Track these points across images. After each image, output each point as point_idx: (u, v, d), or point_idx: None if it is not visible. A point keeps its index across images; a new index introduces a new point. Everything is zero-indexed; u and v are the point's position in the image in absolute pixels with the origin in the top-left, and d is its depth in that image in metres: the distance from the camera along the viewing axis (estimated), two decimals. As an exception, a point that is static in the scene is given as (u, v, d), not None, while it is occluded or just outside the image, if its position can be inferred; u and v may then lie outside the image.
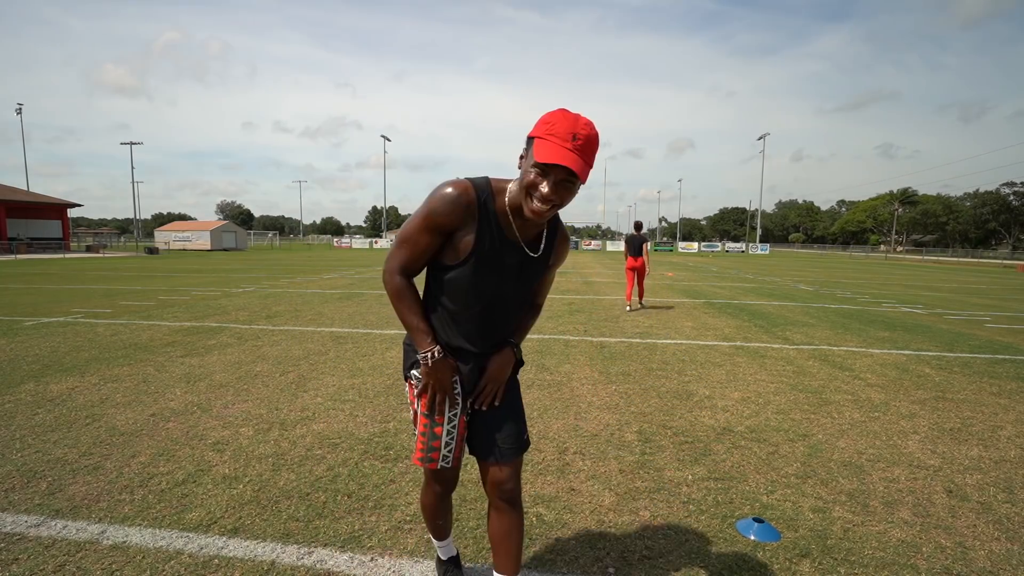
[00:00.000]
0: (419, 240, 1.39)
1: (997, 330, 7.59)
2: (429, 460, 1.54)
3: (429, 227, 1.37)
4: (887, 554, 2.10)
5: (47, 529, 2.17)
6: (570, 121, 1.24)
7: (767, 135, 56.80)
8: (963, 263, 39.85)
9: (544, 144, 1.24)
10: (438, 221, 1.36)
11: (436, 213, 1.35)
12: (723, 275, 18.43)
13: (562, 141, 1.22)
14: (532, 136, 1.29)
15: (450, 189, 1.35)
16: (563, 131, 1.23)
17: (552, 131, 1.24)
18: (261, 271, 17.27)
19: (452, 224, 1.36)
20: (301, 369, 4.70)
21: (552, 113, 1.28)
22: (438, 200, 1.35)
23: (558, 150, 1.22)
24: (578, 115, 1.27)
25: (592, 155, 1.27)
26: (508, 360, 1.56)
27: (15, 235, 30.59)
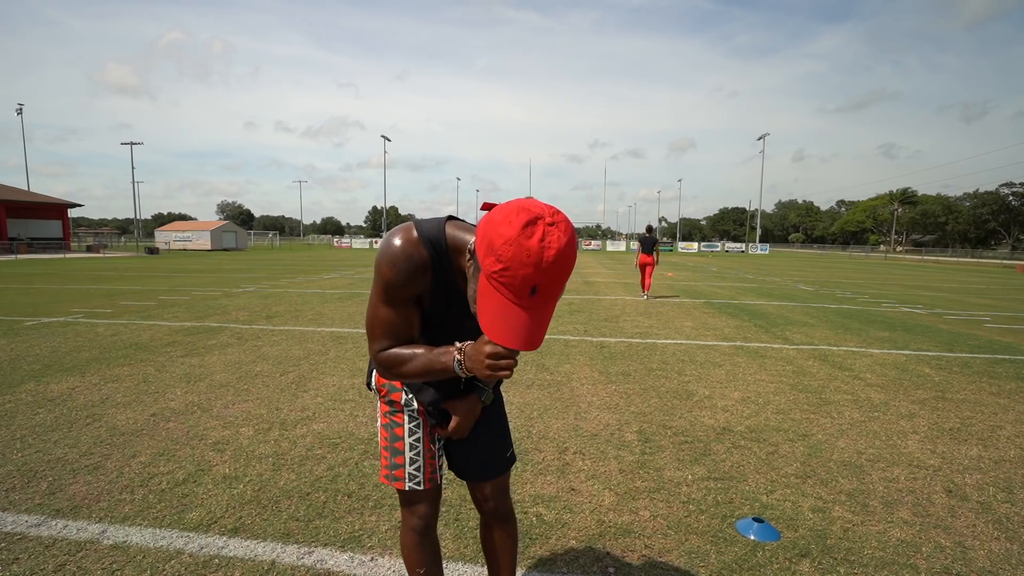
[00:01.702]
0: (390, 316, 1.16)
1: (997, 330, 7.59)
2: (395, 479, 1.36)
3: (394, 300, 1.15)
4: (887, 554, 2.10)
5: (47, 529, 2.17)
6: (532, 262, 0.88)
7: (767, 135, 56.83)
8: (963, 263, 39.85)
9: (492, 300, 0.94)
10: (401, 292, 1.14)
11: (393, 285, 1.12)
12: (723, 275, 18.44)
13: (516, 298, 0.92)
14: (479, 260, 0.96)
15: (397, 250, 1.11)
16: (519, 282, 0.90)
17: (504, 280, 0.91)
18: (261, 271, 17.27)
19: (415, 288, 1.15)
20: (301, 369, 4.70)
21: (506, 243, 0.89)
22: (388, 267, 1.11)
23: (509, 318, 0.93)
24: (545, 237, 0.88)
25: (565, 275, 0.94)
26: (473, 407, 1.36)
27: (15, 235, 30.59)
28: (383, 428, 1.39)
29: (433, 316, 1.23)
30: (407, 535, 1.42)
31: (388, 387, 1.37)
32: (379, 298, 1.16)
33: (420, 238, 1.12)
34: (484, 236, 0.93)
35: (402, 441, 1.36)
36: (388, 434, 1.38)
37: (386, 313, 1.16)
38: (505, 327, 0.94)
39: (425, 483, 1.37)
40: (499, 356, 1.04)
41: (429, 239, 1.13)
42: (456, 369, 1.11)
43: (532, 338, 0.95)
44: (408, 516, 1.41)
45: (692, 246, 56.59)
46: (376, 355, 1.19)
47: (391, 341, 1.18)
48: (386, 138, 59.07)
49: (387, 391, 1.37)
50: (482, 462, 1.46)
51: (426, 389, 1.35)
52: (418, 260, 1.12)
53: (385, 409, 1.39)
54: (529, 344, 0.95)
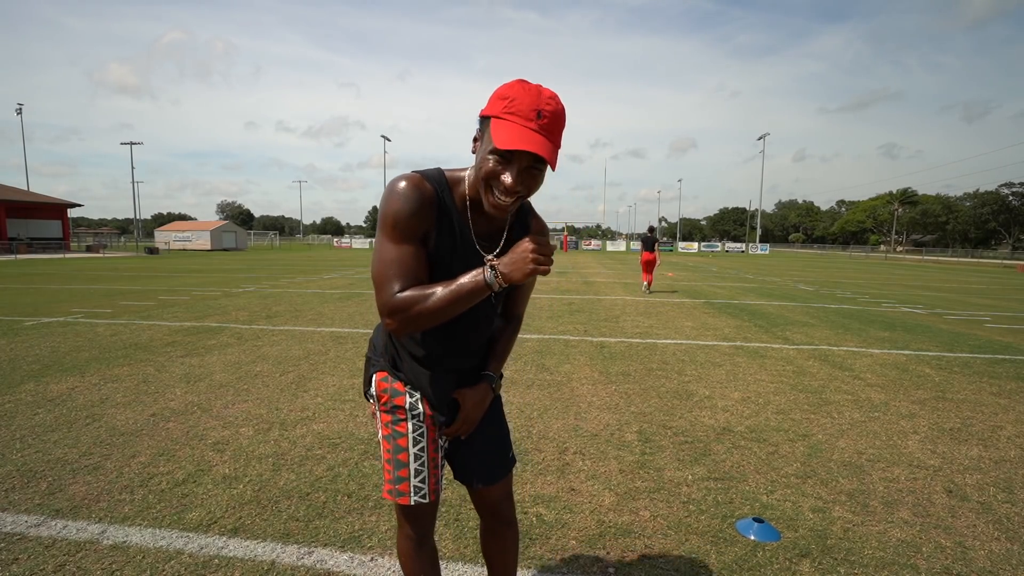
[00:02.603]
0: (402, 253, 1.13)
1: (997, 330, 7.59)
2: (399, 494, 1.30)
3: (404, 235, 1.12)
4: (887, 554, 2.10)
5: (47, 529, 2.17)
6: (532, 95, 1.03)
7: (767, 135, 56.82)
8: (963, 263, 39.85)
9: (503, 126, 1.02)
10: (411, 223, 1.12)
11: (403, 214, 1.11)
12: (723, 275, 18.43)
13: (525, 120, 1.02)
14: (487, 115, 1.07)
15: (403, 184, 1.13)
16: (525, 108, 1.02)
17: (512, 109, 1.03)
18: (261, 271, 17.27)
19: (424, 223, 1.14)
20: (301, 369, 4.70)
21: (509, 86, 1.05)
22: (397, 199, 1.12)
23: (521, 132, 1.01)
24: (540, 86, 1.06)
25: (560, 134, 1.07)
26: (484, 397, 1.36)
27: (15, 235, 30.59)
28: (385, 440, 1.32)
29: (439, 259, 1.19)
30: (404, 543, 1.38)
31: (391, 391, 1.31)
32: (389, 239, 1.13)
33: (422, 176, 1.16)
34: (492, 99, 1.07)
35: (406, 452, 1.30)
36: (391, 445, 1.31)
37: (397, 252, 1.12)
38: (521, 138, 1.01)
39: (430, 495, 1.32)
40: (542, 248, 1.07)
41: (430, 176, 1.17)
42: (489, 282, 1.08)
43: (545, 147, 1.02)
44: (405, 526, 1.36)
45: (692, 246, 56.58)
46: (391, 300, 1.11)
47: (404, 282, 1.12)
48: (386, 138, 59.09)
49: (389, 396, 1.31)
50: (486, 465, 1.43)
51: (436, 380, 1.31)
52: (425, 193, 1.13)
53: (386, 419, 1.32)
54: (543, 148, 1.01)
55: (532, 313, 8.22)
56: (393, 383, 1.32)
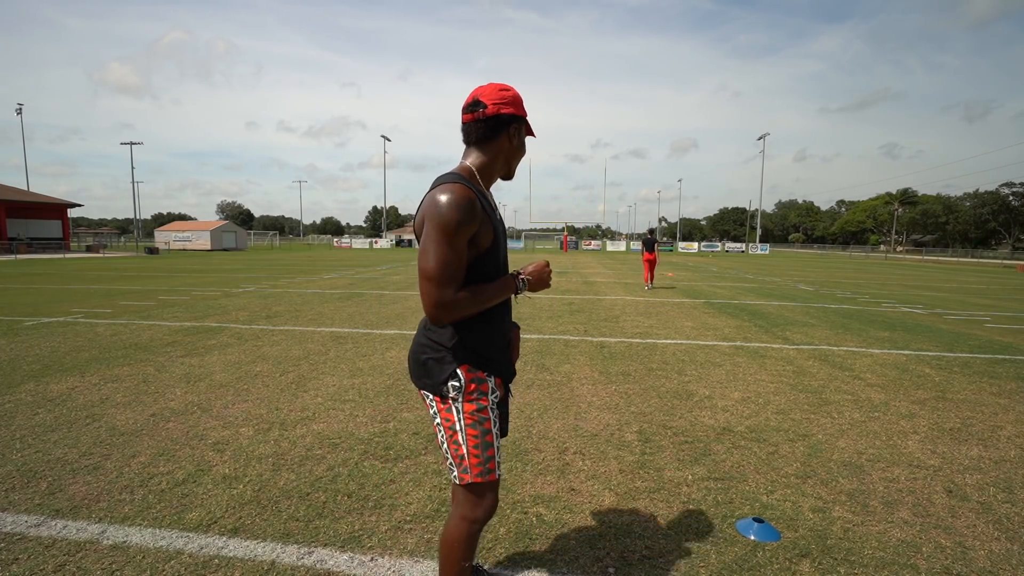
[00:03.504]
0: (458, 258, 1.37)
1: (997, 330, 7.59)
2: (489, 472, 1.48)
3: (461, 241, 1.37)
4: (887, 554, 2.10)
5: (47, 529, 2.17)
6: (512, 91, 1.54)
7: (767, 135, 56.81)
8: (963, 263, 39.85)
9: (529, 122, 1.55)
10: (468, 231, 1.38)
11: (464, 224, 1.36)
12: (723, 275, 18.43)
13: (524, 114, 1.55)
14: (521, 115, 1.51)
15: (457, 196, 1.36)
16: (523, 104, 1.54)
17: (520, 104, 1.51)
18: (261, 271, 17.27)
19: (476, 227, 1.40)
20: (301, 369, 4.70)
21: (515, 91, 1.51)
22: (458, 211, 1.35)
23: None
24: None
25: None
26: (519, 334, 1.68)
27: (15, 235, 30.59)
28: (470, 427, 1.47)
29: (498, 236, 1.48)
30: (465, 527, 1.50)
31: (477, 380, 1.48)
32: (447, 245, 1.35)
33: (463, 184, 1.40)
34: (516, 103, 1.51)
35: (492, 435, 1.50)
36: (477, 431, 1.48)
37: (455, 256, 1.36)
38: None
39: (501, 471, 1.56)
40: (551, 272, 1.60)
41: (468, 183, 1.42)
42: (519, 289, 1.51)
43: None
44: (474, 508, 1.50)
45: (692, 246, 56.57)
46: (452, 298, 1.36)
47: (459, 284, 1.38)
48: (386, 138, 59.08)
49: (476, 385, 1.48)
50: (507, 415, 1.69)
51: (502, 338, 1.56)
52: (472, 197, 1.38)
53: (471, 408, 1.47)
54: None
55: (532, 313, 8.23)
56: (477, 372, 1.49)
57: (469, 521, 1.50)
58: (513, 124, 1.49)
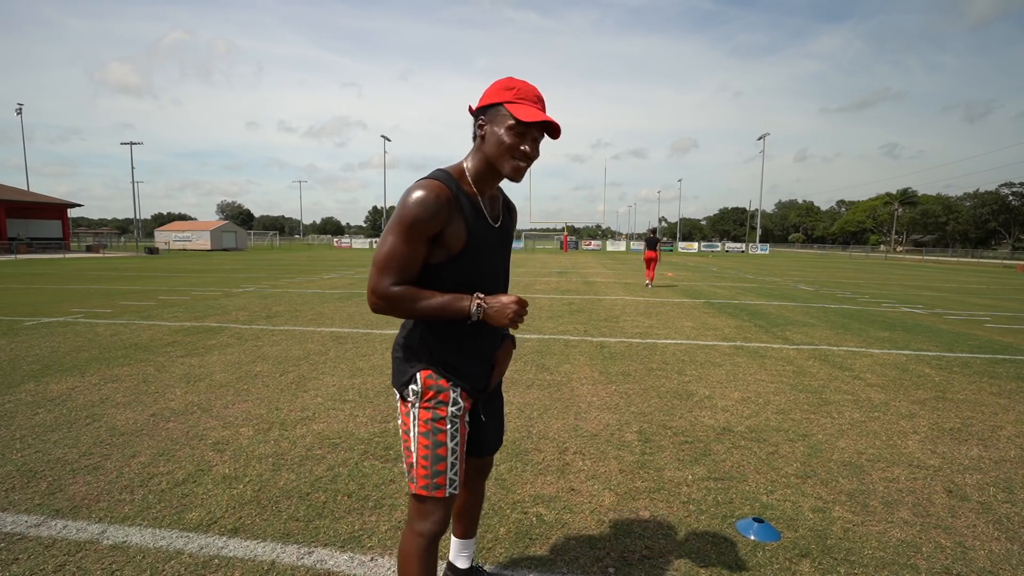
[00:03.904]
0: (408, 253, 1.30)
1: (997, 330, 7.59)
2: (436, 487, 1.38)
3: (416, 237, 1.29)
4: (887, 554, 2.10)
5: (47, 529, 2.17)
6: (531, 87, 1.36)
7: (767, 135, 56.80)
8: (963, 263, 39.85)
9: (522, 107, 1.31)
10: (426, 228, 1.29)
11: (421, 220, 1.28)
12: (723, 275, 18.43)
13: (534, 103, 1.34)
14: (496, 103, 1.33)
15: (423, 192, 1.29)
16: (531, 95, 1.34)
17: (522, 95, 1.33)
18: (261, 271, 17.27)
19: (439, 226, 1.31)
20: (301, 369, 4.70)
21: (509, 80, 1.35)
22: (418, 206, 1.27)
23: (536, 111, 1.32)
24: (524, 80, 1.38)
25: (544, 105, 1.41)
26: (510, 351, 1.58)
27: (15, 235, 30.58)
28: (422, 436, 1.38)
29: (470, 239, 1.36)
30: (415, 542, 1.40)
31: (436, 388, 1.39)
32: (400, 236, 1.29)
33: (439, 181, 1.33)
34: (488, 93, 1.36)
35: (445, 447, 1.39)
36: (429, 441, 1.38)
37: (403, 249, 1.30)
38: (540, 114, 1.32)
39: (460, 487, 1.46)
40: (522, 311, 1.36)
41: (444, 178, 1.35)
42: (473, 313, 1.34)
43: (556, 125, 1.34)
44: (422, 522, 1.40)
45: (692, 246, 56.57)
46: (387, 289, 1.30)
47: (400, 277, 1.31)
48: (386, 138, 59.07)
49: (435, 392, 1.39)
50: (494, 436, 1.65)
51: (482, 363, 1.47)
52: (442, 197, 1.30)
53: (426, 416, 1.39)
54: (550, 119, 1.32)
55: (532, 313, 8.22)
56: (439, 380, 1.41)
57: (417, 534, 1.40)
58: (481, 117, 1.36)
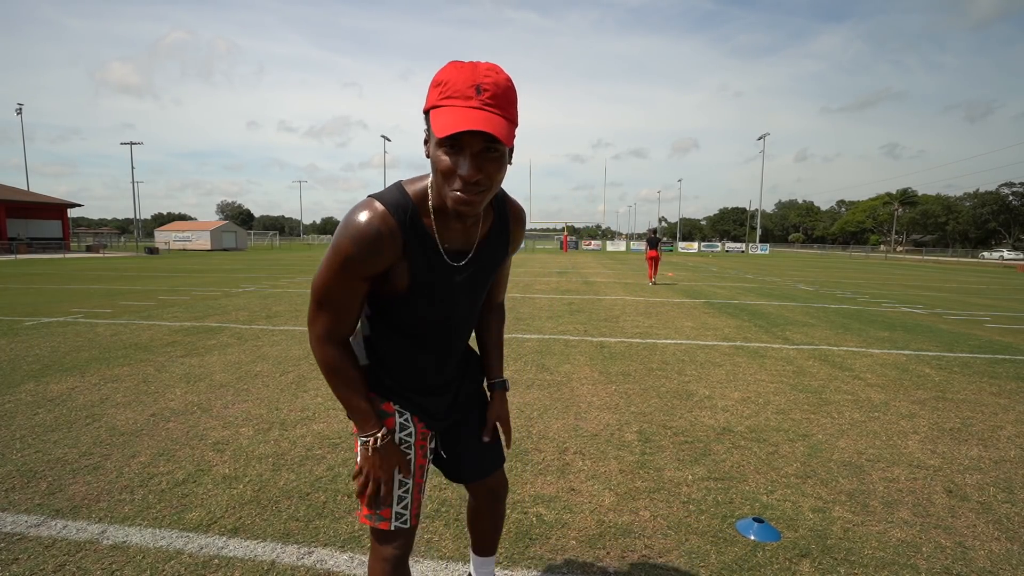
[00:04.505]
0: (341, 296, 1.10)
1: (997, 330, 7.59)
2: (379, 519, 1.22)
3: (349, 277, 1.07)
4: (887, 554, 2.10)
5: (47, 529, 2.17)
6: (466, 72, 0.94)
7: (767, 135, 56.80)
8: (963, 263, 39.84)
9: (442, 113, 0.94)
10: (358, 269, 1.06)
11: (354, 260, 1.05)
12: (723, 275, 18.43)
13: (463, 101, 0.93)
14: (427, 109, 0.99)
15: (362, 224, 1.03)
16: (462, 87, 0.94)
17: (448, 92, 0.95)
18: (261, 271, 17.27)
19: (378, 266, 1.08)
20: (301, 369, 4.70)
21: (442, 71, 0.97)
22: (351, 241, 1.03)
23: (461, 114, 0.92)
24: (476, 62, 0.97)
25: (510, 107, 0.97)
26: (504, 403, 1.45)
27: (15, 235, 30.59)
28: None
29: (417, 281, 1.13)
30: (380, 566, 1.24)
31: (381, 413, 1.24)
32: (333, 272, 1.07)
33: (387, 209, 1.06)
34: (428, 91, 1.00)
35: (391, 480, 1.22)
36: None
37: (336, 291, 1.10)
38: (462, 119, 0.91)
39: (411, 520, 1.25)
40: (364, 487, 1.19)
41: (395, 205, 1.07)
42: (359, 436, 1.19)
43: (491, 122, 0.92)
44: (382, 547, 1.24)
45: (692, 246, 56.57)
46: (319, 340, 1.14)
47: (337, 318, 1.12)
48: (386, 138, 59.08)
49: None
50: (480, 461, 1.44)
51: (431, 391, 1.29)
52: (385, 231, 1.05)
53: None
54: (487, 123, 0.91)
55: (532, 313, 8.22)
56: (380, 405, 1.24)
57: (381, 559, 1.23)
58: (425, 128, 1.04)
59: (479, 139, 0.93)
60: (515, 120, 0.99)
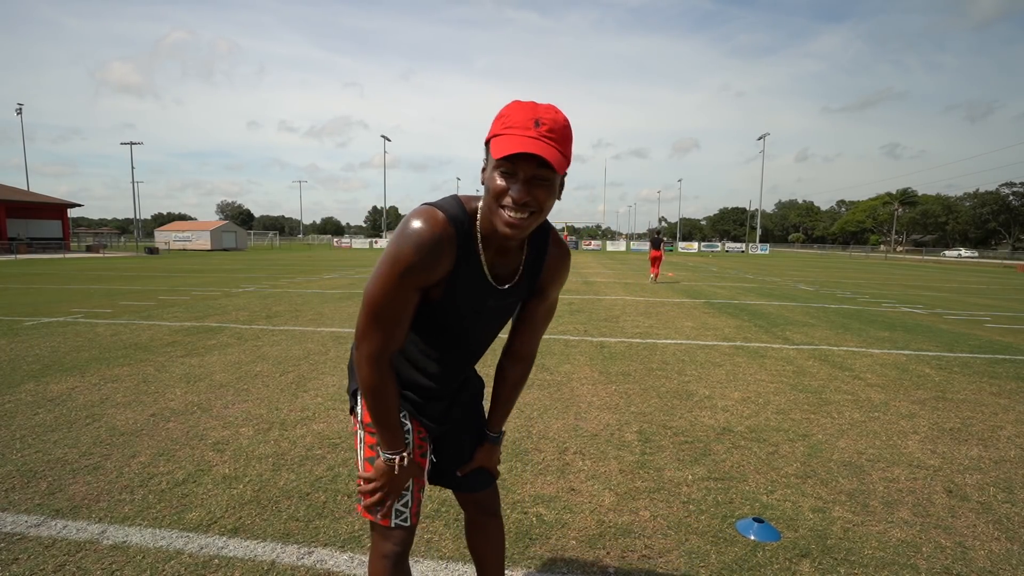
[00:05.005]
0: (397, 307, 1.09)
1: (997, 330, 7.59)
2: (382, 515, 1.24)
3: (407, 286, 1.07)
4: (887, 554, 2.10)
5: (47, 529, 2.16)
6: (527, 108, 1.01)
7: (767, 135, 56.83)
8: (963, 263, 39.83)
9: (502, 140, 1.00)
10: (417, 277, 1.07)
11: (415, 267, 1.05)
12: (723, 275, 18.43)
13: (523, 130, 0.99)
14: (488, 138, 1.05)
15: (425, 227, 1.05)
16: (522, 120, 1.00)
17: (509, 123, 1.01)
18: (261, 271, 17.27)
19: (434, 275, 1.09)
20: (301, 369, 4.70)
21: (506, 106, 1.04)
22: (413, 248, 1.04)
23: (520, 140, 0.98)
24: (535, 102, 1.04)
25: (565, 143, 1.03)
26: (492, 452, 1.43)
27: (15, 235, 30.58)
28: (367, 462, 1.26)
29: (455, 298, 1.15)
30: (380, 563, 1.26)
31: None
32: (392, 283, 1.06)
33: (446, 217, 1.07)
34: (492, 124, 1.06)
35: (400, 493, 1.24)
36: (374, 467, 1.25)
37: (394, 302, 1.09)
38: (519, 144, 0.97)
39: (412, 519, 1.27)
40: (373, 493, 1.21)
41: (453, 215, 1.08)
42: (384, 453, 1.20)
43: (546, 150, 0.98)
44: (383, 543, 1.26)
45: (692, 246, 56.58)
46: (371, 360, 1.12)
47: (386, 339, 1.11)
48: (386, 138, 59.09)
49: None
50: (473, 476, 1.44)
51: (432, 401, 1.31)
52: (446, 239, 1.06)
53: (372, 441, 1.24)
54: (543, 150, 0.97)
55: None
56: None
57: (381, 555, 1.26)
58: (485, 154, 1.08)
59: (532, 164, 0.99)
60: (568, 157, 1.04)
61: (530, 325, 1.33)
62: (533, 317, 1.32)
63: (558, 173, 1.01)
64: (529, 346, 1.37)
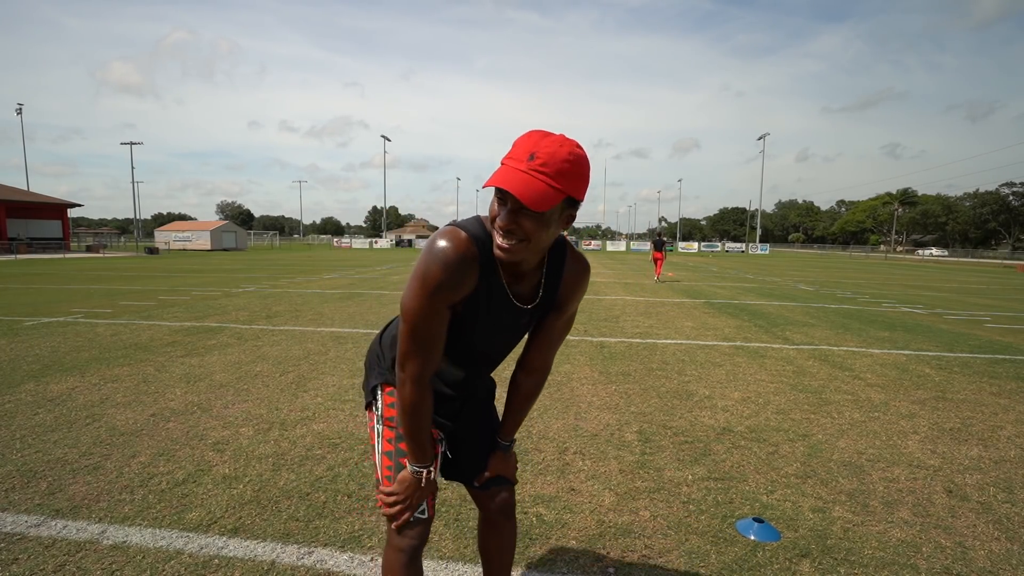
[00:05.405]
0: (433, 324, 1.13)
1: (997, 330, 7.59)
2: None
3: (439, 303, 1.11)
4: (887, 554, 2.10)
5: (47, 529, 2.17)
6: (532, 139, 1.04)
7: (767, 135, 56.84)
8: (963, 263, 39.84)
9: (497, 169, 1.05)
10: (447, 295, 1.11)
11: (444, 286, 1.09)
12: (723, 275, 18.43)
13: (516, 162, 1.02)
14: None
15: (451, 247, 1.08)
16: (521, 151, 1.03)
17: (510, 154, 1.05)
18: (261, 271, 17.27)
19: (461, 292, 1.13)
20: (301, 369, 4.70)
21: (520, 136, 1.08)
22: (441, 267, 1.08)
23: (501, 172, 1.03)
24: (550, 133, 1.05)
25: (560, 177, 1.01)
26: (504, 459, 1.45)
27: (15, 235, 30.58)
28: (386, 456, 1.30)
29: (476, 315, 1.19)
30: (395, 557, 1.30)
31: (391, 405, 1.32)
32: (427, 302, 1.10)
33: (469, 236, 1.11)
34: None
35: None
36: (392, 463, 1.29)
37: (430, 322, 1.13)
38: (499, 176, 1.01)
39: (428, 511, 1.31)
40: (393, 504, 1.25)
41: (475, 235, 1.12)
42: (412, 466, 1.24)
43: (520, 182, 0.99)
44: (398, 537, 1.30)
45: (692, 246, 56.58)
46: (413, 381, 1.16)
47: (426, 358, 1.15)
48: (386, 138, 59.10)
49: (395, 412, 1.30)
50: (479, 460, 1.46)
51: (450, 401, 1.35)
52: (470, 257, 1.10)
53: (390, 435, 1.30)
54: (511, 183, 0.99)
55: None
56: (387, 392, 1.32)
57: (396, 549, 1.30)
58: None
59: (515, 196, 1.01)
60: (564, 190, 1.02)
61: (546, 338, 1.35)
62: (550, 331, 1.33)
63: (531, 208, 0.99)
64: (544, 359, 1.38)
